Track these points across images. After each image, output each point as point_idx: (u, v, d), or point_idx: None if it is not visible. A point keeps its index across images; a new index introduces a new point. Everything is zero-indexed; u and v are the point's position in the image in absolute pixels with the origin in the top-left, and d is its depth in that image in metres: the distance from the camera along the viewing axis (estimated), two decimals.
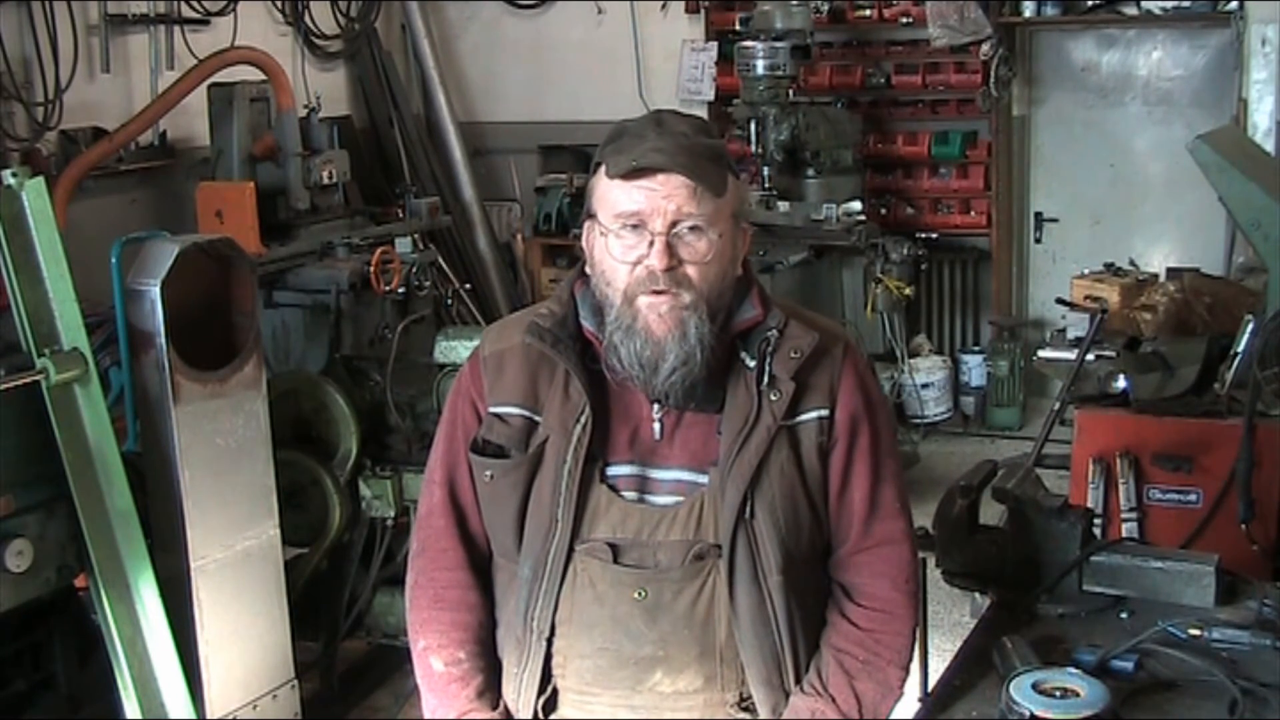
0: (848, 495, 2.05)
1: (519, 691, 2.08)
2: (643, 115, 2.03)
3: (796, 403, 2.01)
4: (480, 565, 2.15)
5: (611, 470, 2.03)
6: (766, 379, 1.99)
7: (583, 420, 2.00)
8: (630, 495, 2.02)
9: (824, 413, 2.02)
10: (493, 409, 2.07)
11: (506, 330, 2.13)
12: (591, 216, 2.00)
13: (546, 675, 2.06)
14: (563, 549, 2.01)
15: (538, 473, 2.03)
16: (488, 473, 2.07)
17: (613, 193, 1.94)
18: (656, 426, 2.02)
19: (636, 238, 1.93)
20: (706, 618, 2.01)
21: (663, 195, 1.90)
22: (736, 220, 2.00)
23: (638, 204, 1.91)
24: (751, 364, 2.01)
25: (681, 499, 2.01)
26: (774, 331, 2.02)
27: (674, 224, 1.91)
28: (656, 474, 2.03)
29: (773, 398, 1.99)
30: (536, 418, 2.05)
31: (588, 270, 2.04)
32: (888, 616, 2.06)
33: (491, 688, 2.11)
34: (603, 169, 1.96)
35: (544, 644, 2.04)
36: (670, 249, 1.91)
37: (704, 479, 2.01)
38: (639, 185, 1.91)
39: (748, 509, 1.98)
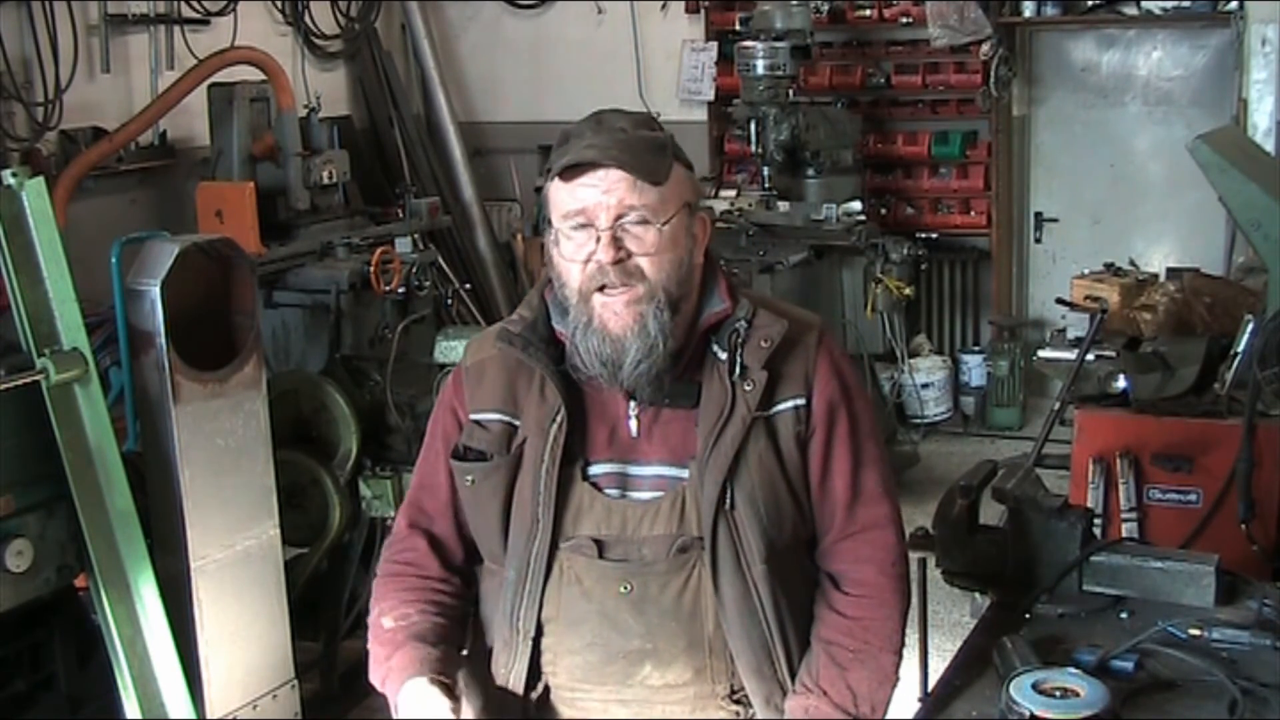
0: (829, 483, 2.07)
1: (508, 691, 2.09)
2: (586, 117, 2.05)
3: (772, 393, 2.03)
4: (442, 562, 2.17)
5: (592, 469, 2.05)
6: (738, 370, 2.01)
7: (558, 419, 2.02)
8: (612, 492, 2.04)
9: (800, 402, 2.04)
10: (473, 416, 2.11)
11: (485, 341, 2.16)
12: (549, 223, 2.03)
13: (534, 674, 2.07)
14: (545, 548, 2.03)
15: (518, 475, 2.05)
16: (468, 478, 2.09)
17: (559, 194, 1.98)
18: (633, 424, 2.04)
19: (585, 235, 1.95)
20: (693, 609, 2.02)
21: (603, 190, 1.93)
22: (690, 209, 2.02)
23: (581, 202, 1.94)
24: (723, 356, 2.03)
25: (662, 494, 2.03)
26: (742, 322, 2.03)
27: (618, 217, 1.94)
28: (636, 470, 2.05)
29: (746, 388, 2.00)
30: (515, 422, 2.07)
31: (551, 276, 2.06)
32: (875, 603, 2.06)
33: (437, 640, 2.08)
34: (550, 172, 2.00)
35: (529, 643, 2.05)
36: (617, 242, 1.94)
37: (684, 473, 2.02)
38: (580, 183, 1.95)
39: (727, 500, 1.99)
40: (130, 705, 3.32)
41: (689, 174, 2.05)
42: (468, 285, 7.06)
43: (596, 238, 1.94)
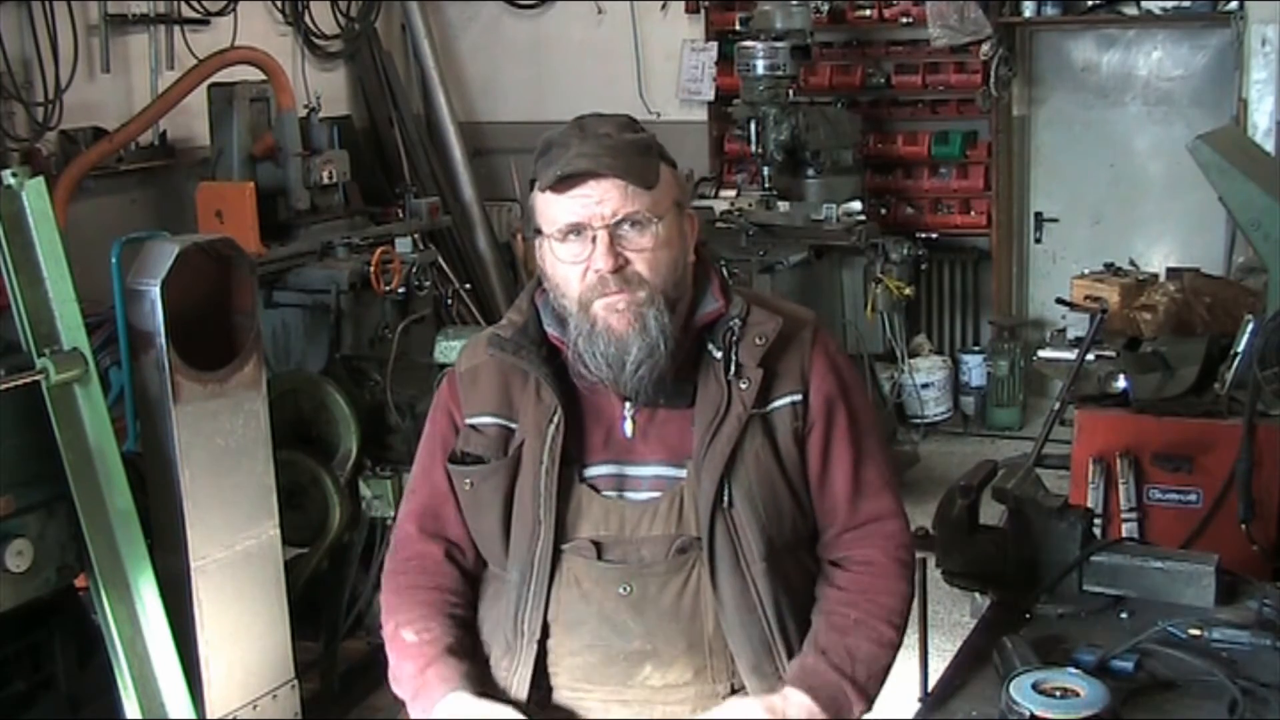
0: (830, 477, 2.07)
1: (508, 693, 2.07)
2: (567, 124, 2.03)
3: (768, 390, 2.03)
4: (455, 570, 2.15)
5: (589, 471, 2.05)
6: (733, 368, 2.01)
7: (555, 420, 2.02)
8: (610, 494, 2.04)
9: (797, 398, 2.04)
10: (469, 420, 2.10)
11: (478, 346, 2.16)
12: (539, 232, 2.02)
13: (537, 675, 2.06)
14: (548, 549, 2.02)
15: (518, 477, 2.05)
16: (467, 481, 2.09)
17: (550, 206, 1.96)
18: (628, 425, 2.04)
19: (580, 245, 1.95)
20: (693, 610, 2.02)
21: (596, 200, 1.93)
22: (680, 208, 2.02)
23: (575, 214, 1.94)
24: (718, 355, 2.03)
25: (660, 494, 2.03)
26: (736, 320, 2.04)
27: (614, 225, 1.93)
28: (633, 471, 2.05)
29: (742, 386, 2.01)
30: (512, 425, 2.07)
31: (545, 285, 2.06)
32: (877, 578, 2.06)
33: (465, 654, 2.08)
34: (538, 184, 1.99)
35: (534, 646, 2.05)
36: (615, 249, 1.93)
37: (681, 473, 2.03)
38: (571, 195, 1.94)
39: (725, 499, 1.99)
40: (130, 705, 3.32)
41: (675, 172, 2.04)
42: (468, 285, 7.07)
43: (592, 245, 1.93)
